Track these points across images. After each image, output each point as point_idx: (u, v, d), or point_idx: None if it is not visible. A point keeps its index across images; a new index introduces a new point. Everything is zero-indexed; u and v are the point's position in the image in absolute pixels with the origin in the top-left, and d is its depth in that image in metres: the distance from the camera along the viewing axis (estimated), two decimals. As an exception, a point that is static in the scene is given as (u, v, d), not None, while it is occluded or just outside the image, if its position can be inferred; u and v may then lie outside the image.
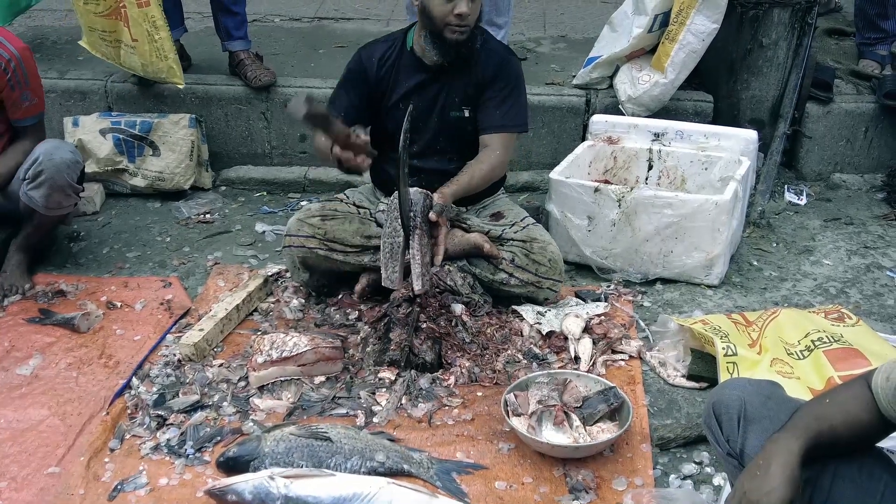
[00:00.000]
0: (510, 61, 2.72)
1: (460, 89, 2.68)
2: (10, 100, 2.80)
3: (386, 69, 2.69)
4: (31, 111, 2.88)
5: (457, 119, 2.69)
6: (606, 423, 2.19)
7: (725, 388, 1.72)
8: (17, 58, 2.75)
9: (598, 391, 2.26)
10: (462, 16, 2.47)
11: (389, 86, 2.70)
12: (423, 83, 2.68)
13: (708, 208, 2.79)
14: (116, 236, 3.31)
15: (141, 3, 3.31)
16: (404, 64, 2.68)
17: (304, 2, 4.95)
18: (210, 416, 2.27)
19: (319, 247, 2.68)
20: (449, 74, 2.66)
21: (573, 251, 3.01)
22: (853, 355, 2.29)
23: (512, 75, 2.70)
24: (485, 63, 2.67)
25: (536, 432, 2.15)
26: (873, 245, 3.27)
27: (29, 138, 2.89)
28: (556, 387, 2.28)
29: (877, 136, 3.76)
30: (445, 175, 2.67)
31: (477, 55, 2.65)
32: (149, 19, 3.34)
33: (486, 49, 2.68)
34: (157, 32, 3.37)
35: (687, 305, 2.84)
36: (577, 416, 2.18)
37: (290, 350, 2.38)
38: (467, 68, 2.66)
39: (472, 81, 2.68)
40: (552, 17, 4.74)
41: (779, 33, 3.56)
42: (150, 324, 2.70)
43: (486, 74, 2.67)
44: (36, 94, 2.87)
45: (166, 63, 3.44)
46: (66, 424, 2.25)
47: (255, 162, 3.81)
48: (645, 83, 3.45)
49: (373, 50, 2.72)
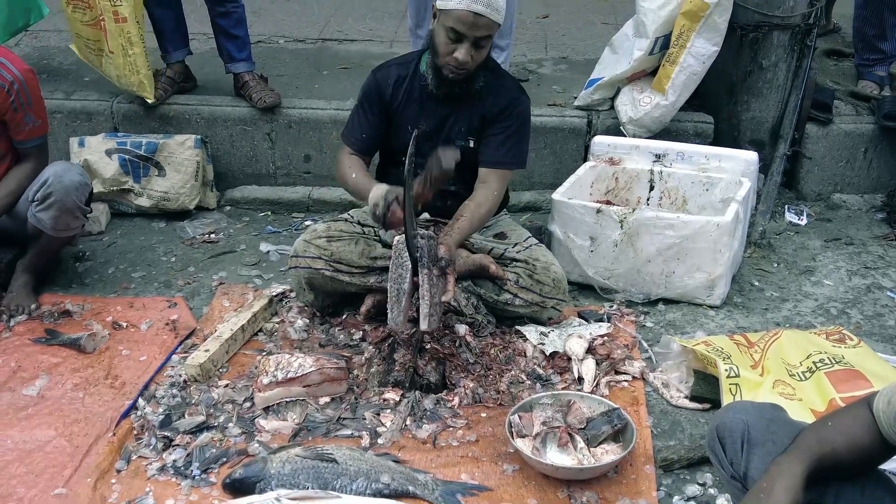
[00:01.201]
0: (520, 101, 2.72)
1: (467, 119, 2.71)
2: (13, 122, 2.82)
3: (399, 91, 2.71)
4: (35, 133, 2.89)
5: (461, 148, 2.69)
6: (610, 444, 2.20)
7: (729, 411, 1.74)
8: (20, 80, 2.76)
9: (601, 412, 2.27)
10: (458, 61, 2.49)
11: (401, 107, 2.72)
12: (432, 108, 2.70)
13: (709, 229, 2.82)
14: (122, 256, 3.33)
15: (118, 18, 3.40)
16: (416, 87, 2.70)
17: (308, 23, 4.99)
18: (216, 438, 2.28)
19: (325, 268, 2.70)
20: (458, 102, 2.68)
21: (576, 271, 3.04)
22: (855, 377, 2.31)
23: (519, 115, 2.71)
24: (495, 98, 2.68)
25: (541, 454, 2.16)
26: (874, 265, 3.30)
27: (32, 160, 2.90)
28: (560, 408, 2.29)
29: (876, 157, 3.80)
30: (445, 196, 2.71)
31: (486, 89, 2.66)
32: (124, 34, 3.43)
33: (499, 85, 2.70)
34: (132, 48, 3.47)
35: (689, 326, 2.86)
36: (581, 438, 2.19)
37: (295, 371, 2.40)
38: (475, 100, 2.67)
39: (479, 114, 2.70)
40: (553, 39, 4.78)
41: (778, 55, 3.60)
42: (155, 344, 2.71)
43: (494, 110, 2.69)
44: (39, 116, 2.88)
45: (138, 77, 3.55)
46: (73, 445, 2.26)
47: (260, 182, 3.85)
48: (646, 105, 3.49)
49: (388, 71, 2.74)
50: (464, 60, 2.48)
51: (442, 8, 2.48)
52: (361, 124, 2.76)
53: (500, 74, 2.76)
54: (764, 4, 3.51)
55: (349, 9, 5.29)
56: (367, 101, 2.75)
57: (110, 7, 3.38)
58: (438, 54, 2.54)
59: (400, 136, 2.73)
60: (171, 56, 3.75)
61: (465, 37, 2.45)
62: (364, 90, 2.77)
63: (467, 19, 2.42)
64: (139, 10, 3.46)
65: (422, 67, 2.70)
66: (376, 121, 2.74)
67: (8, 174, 2.88)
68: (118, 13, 3.39)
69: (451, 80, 2.56)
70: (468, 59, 2.48)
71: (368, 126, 2.75)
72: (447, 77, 2.56)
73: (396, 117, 2.74)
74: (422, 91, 2.70)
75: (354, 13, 5.19)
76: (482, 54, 2.54)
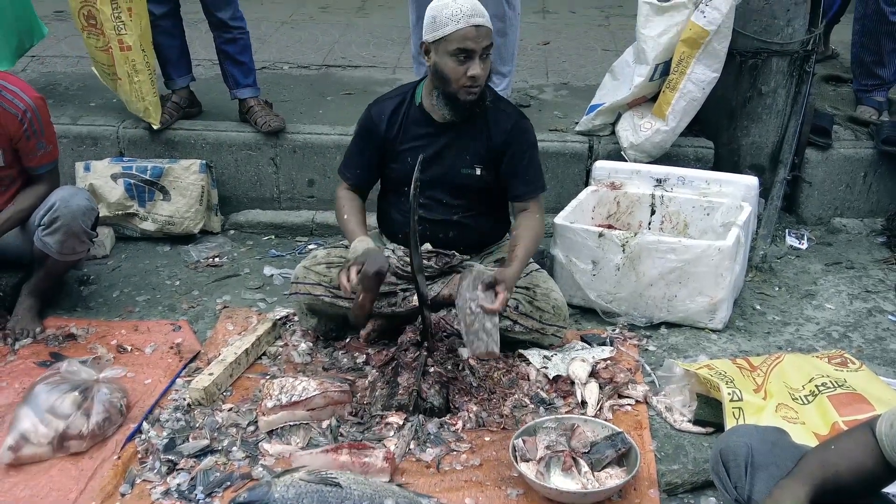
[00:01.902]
0: (524, 125, 2.75)
1: (471, 147, 2.72)
2: (25, 149, 2.85)
3: (395, 124, 2.73)
4: (46, 159, 2.92)
5: (467, 176, 2.73)
6: (614, 468, 2.20)
7: (732, 435, 1.75)
8: (32, 108, 2.80)
9: (605, 436, 2.28)
10: (475, 77, 2.52)
11: (398, 138, 2.74)
12: (431, 137, 2.71)
13: (711, 254, 2.84)
14: (126, 280, 3.35)
15: (123, 47, 3.48)
16: (412, 118, 2.72)
17: (312, 50, 5.05)
18: (220, 461, 2.29)
19: (325, 294, 2.72)
20: (457, 130, 2.70)
21: (578, 295, 3.05)
22: (857, 400, 2.31)
23: (528, 140, 2.75)
24: (497, 125, 2.71)
25: (545, 478, 2.16)
26: (874, 289, 3.31)
27: (43, 184, 2.94)
28: (563, 432, 2.30)
29: (876, 181, 3.82)
30: (448, 226, 2.74)
31: (487, 114, 2.69)
32: (129, 62, 3.52)
33: (498, 110, 2.73)
34: (137, 76, 3.55)
35: (692, 349, 2.87)
36: (585, 462, 2.19)
37: (298, 394, 2.41)
38: (477, 126, 2.70)
39: (483, 141, 2.71)
40: (554, 65, 4.83)
41: (777, 81, 3.64)
42: (159, 367, 2.72)
43: (499, 138, 2.70)
44: (50, 142, 2.92)
45: (143, 104, 3.63)
46: (78, 468, 2.26)
47: (264, 206, 3.87)
48: (647, 130, 3.52)
49: (382, 107, 2.76)
50: (481, 74, 2.52)
51: (436, 38, 2.51)
52: (356, 160, 2.80)
53: (497, 99, 2.78)
54: (763, 31, 3.55)
55: (353, 35, 5.35)
56: (362, 136, 2.79)
57: (115, 36, 3.45)
58: (450, 81, 2.55)
59: (399, 167, 2.74)
60: (175, 83, 3.80)
61: (474, 52, 2.49)
62: (359, 125, 2.81)
63: (471, 34, 2.48)
64: (146, 39, 3.52)
65: (417, 99, 2.72)
66: (371, 156, 2.77)
67: (19, 195, 2.91)
68: (123, 41, 3.46)
69: (469, 102, 2.58)
70: (484, 72, 2.53)
71: (362, 161, 2.78)
72: (466, 101, 2.58)
73: (394, 148, 2.75)
74: (418, 121, 2.72)
75: (358, 40, 5.25)
76: (489, 64, 2.58)
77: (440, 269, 2.76)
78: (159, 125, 3.68)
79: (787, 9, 3.53)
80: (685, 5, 3.34)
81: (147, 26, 3.51)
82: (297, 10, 6.02)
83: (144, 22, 3.50)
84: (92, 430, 2.32)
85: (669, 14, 3.39)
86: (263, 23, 5.42)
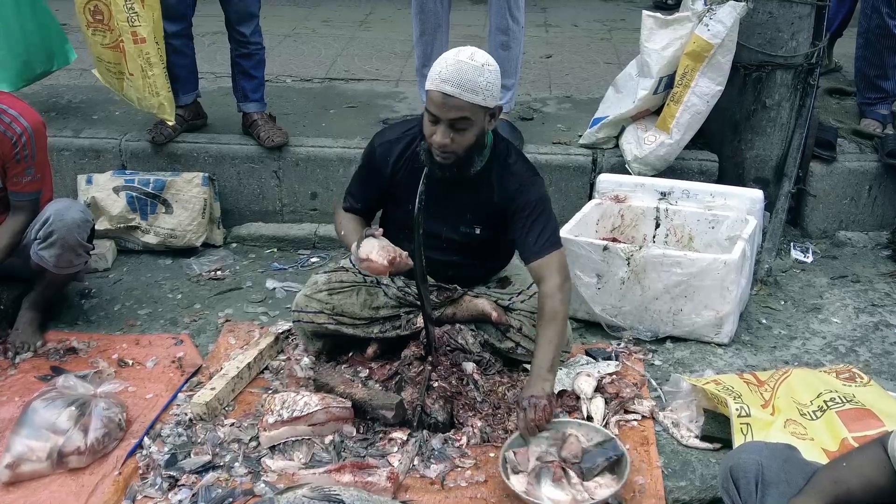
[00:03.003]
0: (530, 186, 2.54)
1: (472, 207, 2.59)
2: (12, 171, 2.77)
3: (399, 170, 2.61)
4: (31, 187, 2.82)
5: (465, 234, 2.63)
6: (605, 476, 2.20)
7: (742, 452, 1.73)
8: (28, 132, 2.73)
9: (597, 442, 2.28)
10: (438, 144, 2.35)
11: (402, 185, 2.60)
12: (433, 188, 2.46)
13: (717, 267, 2.82)
14: (128, 293, 3.33)
15: (136, 39, 3.40)
16: (418, 165, 2.52)
17: (315, 63, 5.06)
18: (222, 477, 2.26)
19: (328, 321, 2.70)
20: (459, 187, 2.55)
21: (582, 308, 3.03)
22: (866, 416, 2.29)
23: (535, 200, 2.52)
24: (500, 188, 2.55)
25: (535, 489, 2.17)
26: (881, 303, 3.29)
27: (25, 214, 2.83)
28: (554, 441, 2.30)
29: (881, 195, 3.81)
30: (449, 266, 2.68)
31: (493, 179, 2.55)
32: (143, 55, 3.44)
33: (507, 174, 2.55)
34: (151, 69, 3.46)
35: (698, 364, 2.85)
36: (574, 472, 2.20)
37: (300, 410, 2.38)
38: (480, 184, 2.55)
39: (484, 204, 2.58)
40: (557, 78, 4.84)
41: (782, 94, 3.63)
42: (161, 382, 2.70)
43: (503, 199, 2.54)
44: (40, 171, 2.82)
45: (157, 99, 3.55)
46: (78, 484, 2.24)
47: (267, 219, 3.86)
48: (651, 143, 3.51)
49: (390, 148, 2.61)
50: (441, 143, 2.34)
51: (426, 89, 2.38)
52: (360, 192, 2.72)
53: (510, 164, 2.57)
54: (767, 45, 3.55)
55: (356, 49, 5.36)
56: (366, 169, 2.69)
57: (128, 28, 3.37)
58: (425, 136, 2.42)
59: (402, 213, 2.60)
60: (181, 99, 3.77)
61: (439, 119, 2.33)
62: (366, 157, 2.69)
63: (437, 100, 2.30)
64: (159, 31, 3.46)
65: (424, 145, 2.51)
66: (373, 191, 2.69)
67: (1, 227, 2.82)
68: (137, 34, 3.38)
69: (440, 164, 2.42)
70: (446, 141, 2.33)
71: (366, 195, 2.71)
72: (437, 162, 2.42)
73: (397, 191, 2.64)
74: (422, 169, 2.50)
75: (361, 53, 5.26)
76: (466, 137, 2.36)
77: (440, 303, 2.71)
78: (173, 122, 3.64)
79: (791, 22, 3.53)
80: (689, 18, 3.35)
81: (159, 18, 3.45)
82: (301, 23, 6.03)
83: (157, 14, 3.42)
84: (91, 446, 2.29)
85: (673, 27, 3.39)
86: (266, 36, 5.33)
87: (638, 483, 2.23)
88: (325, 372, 2.63)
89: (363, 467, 2.21)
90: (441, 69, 2.31)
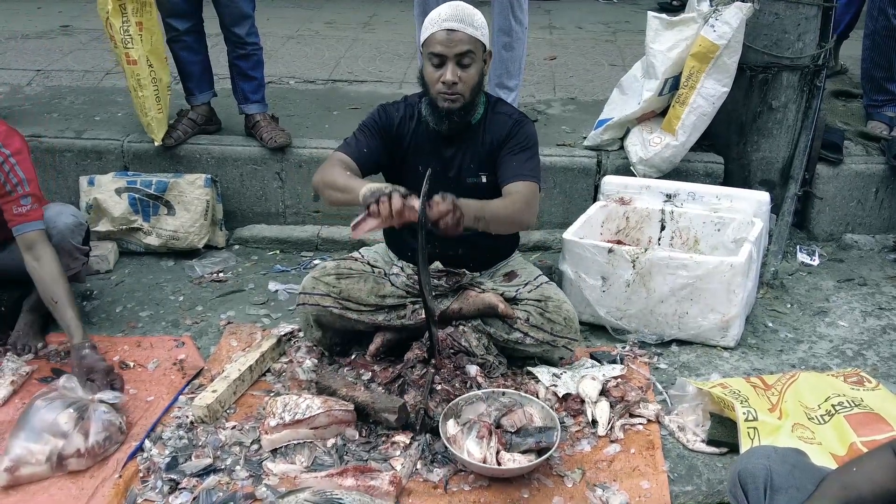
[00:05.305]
0: (524, 123, 2.69)
1: (474, 154, 2.69)
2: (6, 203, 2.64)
3: (404, 131, 2.71)
4: (34, 216, 2.67)
5: (473, 185, 2.68)
6: (530, 456, 2.25)
7: (751, 457, 1.71)
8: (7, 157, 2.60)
9: (538, 427, 2.32)
10: (448, 83, 2.49)
11: (406, 149, 2.71)
12: (437, 148, 2.69)
13: (723, 270, 2.79)
14: (129, 295, 3.31)
15: (129, 61, 3.47)
16: (422, 130, 2.69)
17: (318, 65, 5.05)
18: (223, 481, 2.24)
19: (334, 305, 2.68)
20: (459, 140, 2.68)
21: (587, 311, 3.01)
22: (875, 420, 2.26)
23: (526, 135, 2.66)
24: (496, 129, 2.67)
25: (461, 438, 2.25)
26: (888, 306, 3.26)
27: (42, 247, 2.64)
28: (507, 409, 2.38)
29: (887, 197, 3.78)
30: (458, 240, 2.67)
31: (488, 124, 2.67)
32: (134, 76, 3.50)
33: (498, 114, 2.69)
34: (141, 90, 3.52)
35: (704, 368, 2.82)
36: (502, 440, 2.26)
37: (302, 413, 2.36)
38: (477, 132, 2.67)
39: (485, 147, 2.68)
40: (561, 80, 4.82)
41: (788, 96, 3.61)
42: (162, 384, 2.68)
43: (498, 139, 2.66)
44: (37, 199, 2.67)
45: (146, 119, 3.62)
46: (79, 487, 2.22)
47: (269, 221, 3.84)
48: (656, 145, 3.49)
49: (394, 109, 2.73)
50: (451, 80, 2.48)
51: (422, 43, 2.55)
52: (361, 142, 2.67)
53: (500, 108, 2.72)
54: (773, 46, 3.53)
55: (359, 50, 5.35)
56: (371, 127, 2.70)
57: (122, 49, 3.43)
58: (429, 87, 2.56)
59: (408, 177, 2.66)
60: (196, 98, 3.77)
61: (446, 57, 2.48)
62: (371, 117, 2.73)
63: (442, 38, 2.47)
64: (157, 55, 3.50)
65: (423, 112, 2.67)
66: (373, 146, 2.68)
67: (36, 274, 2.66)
68: (129, 55, 3.45)
69: (448, 110, 2.54)
70: (455, 78, 2.48)
71: (367, 146, 2.67)
72: (444, 109, 2.54)
73: (406, 157, 2.72)
74: (426, 135, 2.69)
75: (364, 55, 5.25)
76: (470, 75, 2.52)
77: (450, 288, 2.72)
78: (160, 142, 3.65)
79: (797, 23, 3.50)
80: (695, 20, 3.33)
81: (159, 42, 3.49)
82: (304, 25, 6.03)
83: (156, 38, 3.48)
84: (91, 449, 2.27)
85: (679, 28, 3.37)
86: (270, 38, 5.42)
87: (643, 488, 2.21)
88: (327, 374, 2.62)
89: (365, 471, 2.19)
90: (440, 13, 2.50)
